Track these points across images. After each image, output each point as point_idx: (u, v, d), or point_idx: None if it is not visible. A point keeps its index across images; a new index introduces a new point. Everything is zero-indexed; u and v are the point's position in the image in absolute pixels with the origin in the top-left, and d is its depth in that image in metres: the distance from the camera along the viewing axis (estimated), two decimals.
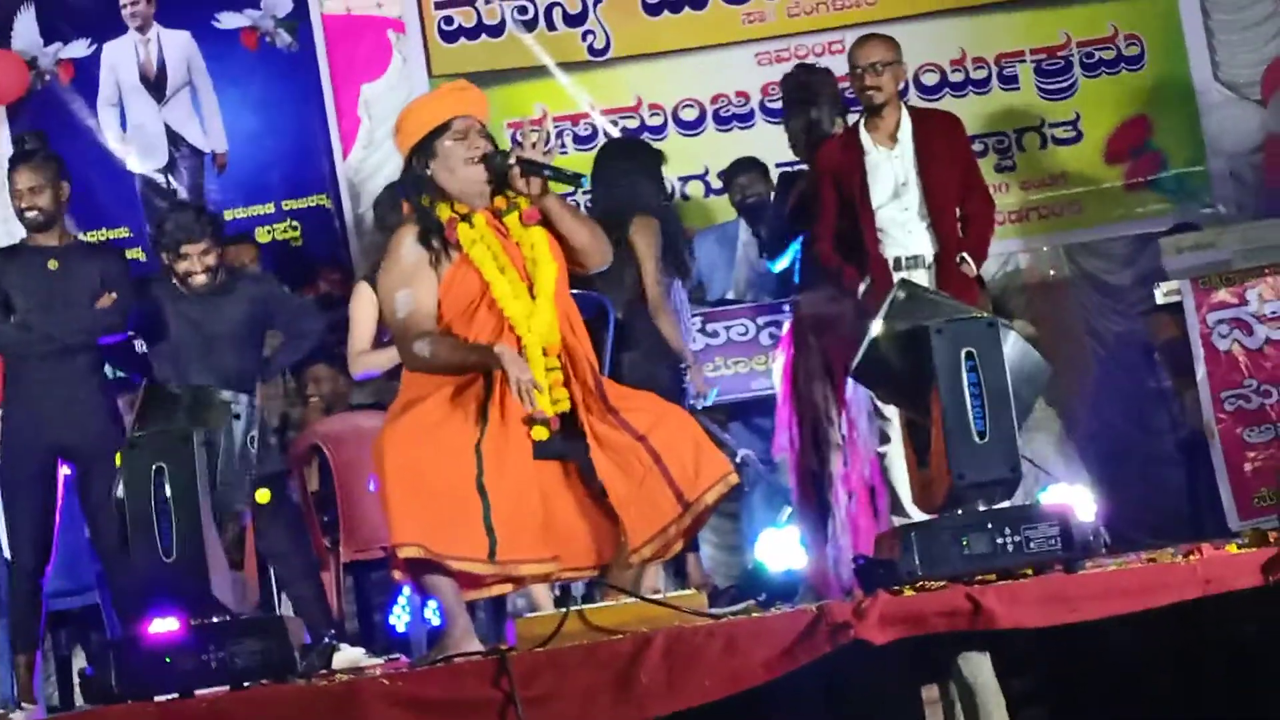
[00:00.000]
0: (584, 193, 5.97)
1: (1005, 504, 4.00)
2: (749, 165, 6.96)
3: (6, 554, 5.55)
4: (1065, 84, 7.63)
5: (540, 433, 4.08)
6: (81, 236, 6.97)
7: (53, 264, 5.55)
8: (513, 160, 4.13)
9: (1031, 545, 3.85)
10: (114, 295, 5.56)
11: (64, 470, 5.54)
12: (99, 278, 5.57)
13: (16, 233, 5.79)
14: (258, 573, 5.64)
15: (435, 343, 4.14)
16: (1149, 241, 6.87)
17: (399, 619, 6.20)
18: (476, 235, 4.17)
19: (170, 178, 7.34)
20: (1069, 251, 7.61)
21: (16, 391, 5.55)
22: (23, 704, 5.30)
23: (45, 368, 5.48)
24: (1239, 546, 4.03)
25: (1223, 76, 7.59)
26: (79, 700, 4.36)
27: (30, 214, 5.56)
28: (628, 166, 5.86)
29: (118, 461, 4.16)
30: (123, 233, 7.29)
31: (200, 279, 5.64)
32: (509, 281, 4.14)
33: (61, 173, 5.65)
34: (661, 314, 5.64)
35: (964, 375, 3.89)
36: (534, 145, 4.15)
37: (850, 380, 5.22)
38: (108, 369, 6.48)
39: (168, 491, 3.95)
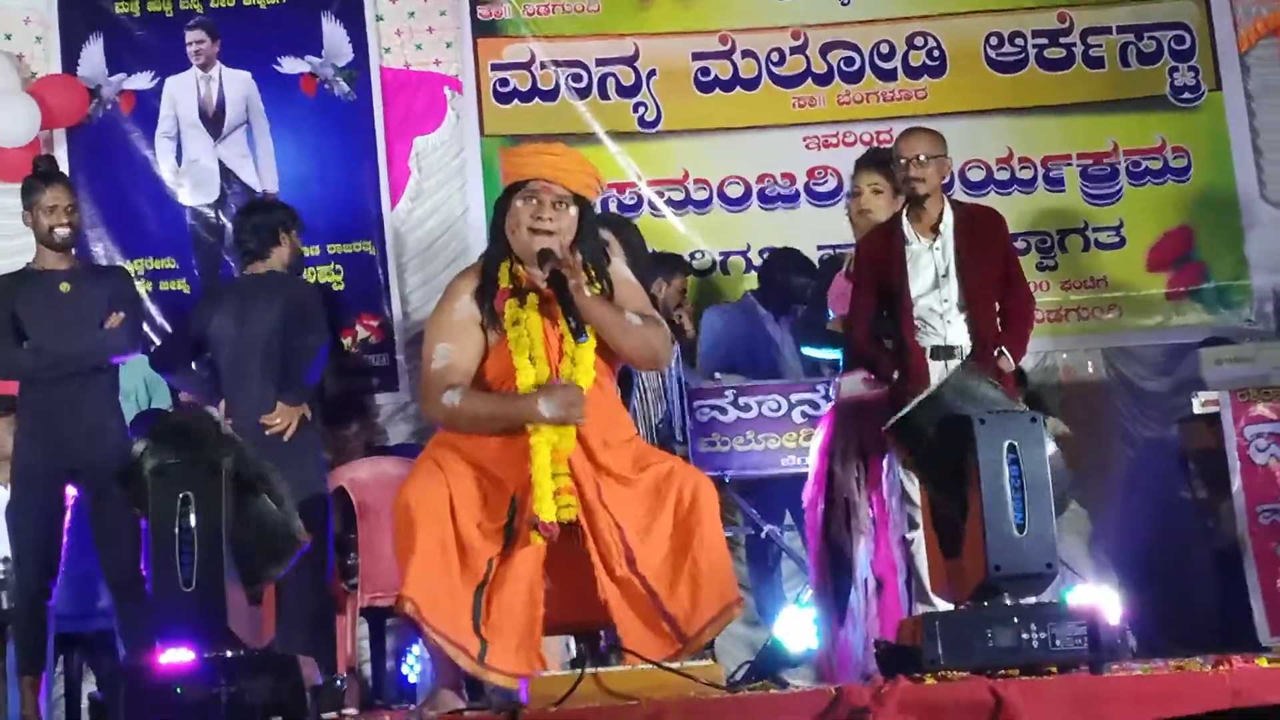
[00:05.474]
0: None
1: (1032, 599, 3.96)
2: (788, 256, 7.02)
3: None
4: (1111, 190, 7.66)
5: (535, 537, 4.02)
6: (126, 264, 7.03)
7: (64, 286, 5.56)
8: (546, 272, 4.09)
9: (1057, 643, 3.82)
10: (122, 315, 5.56)
11: (71, 492, 5.50)
12: (109, 298, 5.58)
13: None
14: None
15: (465, 395, 4.09)
16: (1186, 350, 6.86)
17: (411, 669, 6.16)
18: (521, 316, 4.12)
19: (220, 213, 7.36)
20: (1106, 354, 7.60)
21: (29, 414, 5.55)
22: None
23: (58, 390, 5.47)
24: (1270, 661, 3.96)
25: (1269, 195, 7.61)
26: None
27: (61, 230, 5.57)
28: None
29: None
30: (169, 263, 7.31)
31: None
32: (536, 375, 4.08)
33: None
34: None
35: (1005, 468, 3.88)
36: (570, 279, 4.08)
37: (884, 463, 5.20)
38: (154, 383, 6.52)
39: (192, 521, 3.94)
